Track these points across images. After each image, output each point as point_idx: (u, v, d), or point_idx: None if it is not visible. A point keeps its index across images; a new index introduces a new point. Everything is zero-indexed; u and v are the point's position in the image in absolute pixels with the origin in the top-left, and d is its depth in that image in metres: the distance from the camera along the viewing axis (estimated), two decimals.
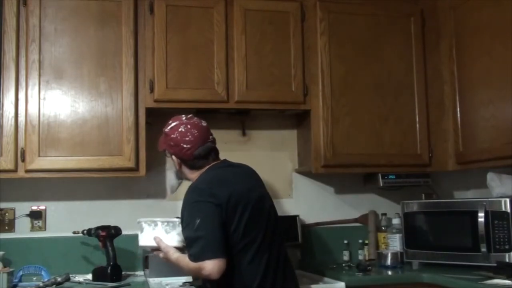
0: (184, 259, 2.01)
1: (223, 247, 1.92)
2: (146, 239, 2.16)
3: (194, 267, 1.93)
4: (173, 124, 2.20)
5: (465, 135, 2.87)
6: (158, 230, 2.12)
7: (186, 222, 1.99)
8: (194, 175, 2.18)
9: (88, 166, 2.61)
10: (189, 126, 2.17)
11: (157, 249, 2.12)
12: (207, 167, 2.17)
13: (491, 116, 2.68)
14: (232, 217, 1.99)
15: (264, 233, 2.05)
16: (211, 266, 1.89)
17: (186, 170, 2.21)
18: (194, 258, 1.92)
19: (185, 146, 2.14)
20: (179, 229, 2.08)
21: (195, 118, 2.23)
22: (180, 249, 2.08)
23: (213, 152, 2.20)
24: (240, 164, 2.25)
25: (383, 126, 2.97)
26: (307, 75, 2.90)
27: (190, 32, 2.77)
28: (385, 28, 3.02)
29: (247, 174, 2.22)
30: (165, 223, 2.12)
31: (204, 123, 2.23)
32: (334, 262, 3.02)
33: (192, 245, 1.94)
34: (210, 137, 2.21)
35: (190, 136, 2.15)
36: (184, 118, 2.21)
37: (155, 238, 2.11)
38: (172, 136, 2.17)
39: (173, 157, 2.21)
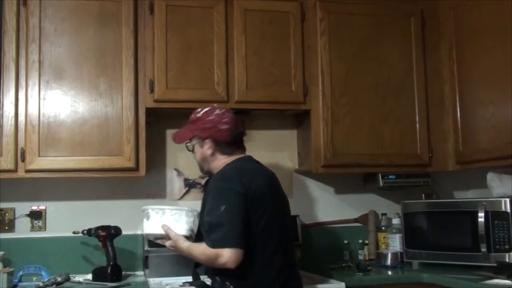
0: (198, 247, 2.00)
1: (243, 238, 1.93)
2: (152, 227, 2.10)
3: (212, 253, 1.92)
4: (206, 109, 2.21)
5: (465, 135, 2.87)
6: (166, 218, 2.08)
7: (210, 206, 1.98)
8: (221, 162, 2.17)
9: (88, 166, 2.61)
10: (223, 110, 2.21)
11: (162, 237, 2.10)
12: (235, 157, 2.17)
13: (491, 116, 2.68)
14: (255, 211, 2.00)
15: (280, 232, 2.08)
16: (229, 255, 1.89)
17: (216, 157, 2.18)
18: (213, 244, 1.91)
19: (223, 127, 2.15)
20: (187, 218, 2.08)
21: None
22: (188, 238, 2.07)
23: (242, 140, 2.24)
24: (261, 164, 2.27)
25: (383, 126, 2.97)
26: (307, 75, 2.90)
27: (190, 32, 2.77)
28: (385, 28, 3.02)
29: (271, 174, 2.23)
30: (174, 211, 2.09)
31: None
32: (334, 262, 3.02)
33: (213, 230, 1.93)
34: (239, 124, 2.27)
35: (227, 118, 2.18)
36: (216, 105, 2.28)
37: (163, 226, 2.07)
38: (208, 118, 2.17)
39: (206, 141, 2.17)
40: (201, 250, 1.97)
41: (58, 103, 2.61)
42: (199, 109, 2.23)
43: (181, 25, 2.76)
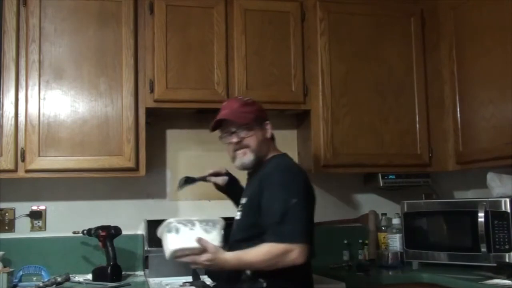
0: (251, 251, 1.84)
1: (310, 235, 1.88)
2: (184, 241, 1.83)
3: (281, 249, 1.81)
4: (247, 97, 2.19)
5: (465, 135, 2.87)
6: (197, 230, 1.86)
7: (274, 199, 1.88)
8: (270, 149, 2.12)
9: (88, 166, 2.61)
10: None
11: (193, 252, 1.83)
12: (279, 153, 2.13)
13: (491, 116, 2.68)
14: (313, 209, 2.00)
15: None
16: (300, 250, 1.82)
17: (269, 141, 2.13)
18: (289, 238, 1.81)
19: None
20: (219, 229, 1.89)
21: None
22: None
23: None
24: None
25: (383, 126, 2.97)
26: (307, 75, 2.90)
27: (190, 32, 2.77)
28: (385, 28, 3.02)
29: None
30: (204, 223, 1.87)
31: None
32: (334, 262, 3.02)
33: (284, 225, 1.83)
34: None
35: None
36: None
37: (199, 240, 1.81)
38: (255, 101, 2.14)
39: (267, 122, 2.12)
40: (263, 251, 1.83)
41: (58, 103, 2.61)
42: (239, 97, 2.27)
43: (181, 25, 2.76)
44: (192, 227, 1.85)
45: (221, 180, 2.34)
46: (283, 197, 1.87)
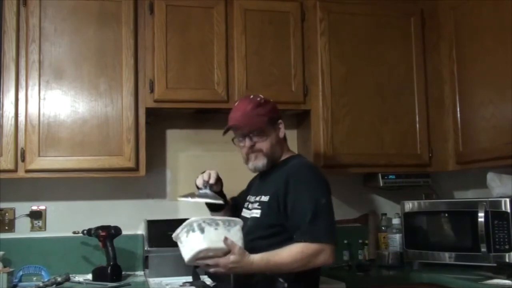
0: (281, 252, 1.80)
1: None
2: (212, 241, 1.73)
3: (314, 250, 1.80)
4: (260, 96, 2.14)
5: (465, 135, 2.87)
6: (221, 230, 1.76)
7: (304, 198, 1.87)
8: (285, 148, 2.12)
9: (88, 166, 2.61)
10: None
11: (216, 255, 1.76)
12: (294, 153, 2.15)
13: (491, 116, 2.68)
14: None
15: None
16: (332, 250, 1.84)
17: (285, 141, 2.14)
18: (324, 237, 1.82)
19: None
20: (238, 227, 1.82)
21: None
22: None
23: None
24: None
25: (383, 126, 2.97)
26: (307, 75, 2.90)
27: (190, 32, 2.77)
28: (385, 28, 3.02)
29: None
30: (226, 222, 1.79)
31: None
32: (334, 262, 3.01)
33: (318, 222, 1.83)
34: None
35: None
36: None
37: (226, 240, 1.73)
38: (271, 100, 2.12)
39: (279, 121, 2.10)
40: (295, 250, 1.80)
41: (58, 103, 2.61)
42: (251, 96, 2.14)
43: (181, 25, 2.76)
44: (217, 227, 1.75)
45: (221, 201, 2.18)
46: (314, 197, 1.87)
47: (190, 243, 1.74)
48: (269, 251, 1.81)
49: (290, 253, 1.80)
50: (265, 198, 2.00)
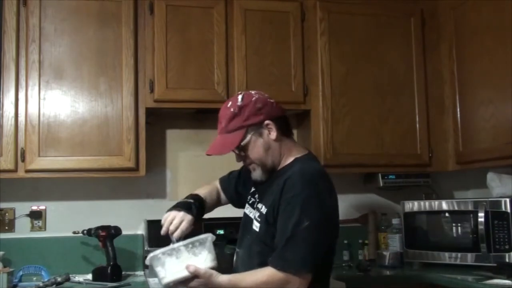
0: (247, 277, 1.69)
1: (316, 264, 1.67)
2: (173, 273, 1.69)
3: (280, 279, 1.63)
4: (240, 95, 1.83)
5: (465, 135, 2.87)
6: (184, 256, 1.70)
7: (289, 214, 1.67)
8: (284, 148, 1.83)
9: (88, 166, 2.61)
10: (256, 91, 1.87)
11: (186, 280, 1.68)
12: (302, 154, 1.84)
13: (491, 116, 2.68)
14: (335, 234, 1.77)
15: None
16: (302, 282, 1.64)
17: (280, 140, 1.82)
18: (292, 267, 1.63)
19: (272, 100, 1.83)
20: (207, 246, 1.72)
21: None
22: (215, 268, 1.71)
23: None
24: None
25: (383, 126, 2.97)
26: (307, 75, 2.90)
27: (190, 32, 2.77)
28: (385, 28, 3.02)
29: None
30: (190, 246, 1.70)
31: None
32: (334, 262, 3.02)
33: (292, 248, 1.64)
34: None
35: (267, 94, 1.87)
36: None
37: (188, 267, 1.65)
38: (254, 99, 1.80)
39: (264, 125, 1.79)
40: (263, 279, 1.65)
41: (58, 103, 2.61)
42: (231, 100, 1.84)
43: (181, 25, 2.76)
44: (179, 255, 1.70)
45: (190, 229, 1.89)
46: (295, 218, 1.66)
47: (158, 277, 1.71)
48: (240, 273, 1.74)
49: (256, 279, 1.67)
50: (264, 210, 1.82)
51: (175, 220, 1.82)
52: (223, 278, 1.67)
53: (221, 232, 2.41)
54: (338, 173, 3.10)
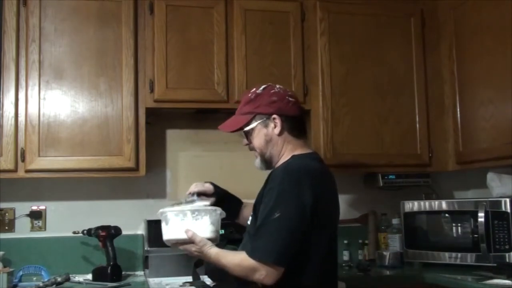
0: (228, 256, 1.78)
1: (288, 256, 1.69)
2: (173, 232, 1.85)
3: (250, 265, 1.68)
4: (263, 86, 1.95)
5: (465, 135, 2.87)
6: (188, 220, 1.83)
7: (265, 205, 1.72)
8: (287, 147, 1.89)
9: (88, 166, 2.61)
10: (282, 86, 1.96)
11: (185, 242, 1.84)
12: (303, 152, 1.88)
13: (491, 116, 2.68)
14: (319, 231, 1.76)
15: (335, 261, 1.90)
16: (269, 272, 1.67)
17: (283, 137, 1.88)
18: (254, 254, 1.68)
19: (290, 99, 1.89)
20: (211, 218, 1.85)
21: None
22: (213, 240, 1.84)
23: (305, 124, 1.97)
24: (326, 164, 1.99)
25: (383, 126, 2.97)
26: (307, 75, 2.90)
27: (190, 32, 2.77)
28: (385, 28, 3.02)
29: (335, 184, 1.93)
30: (195, 212, 1.84)
31: None
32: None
33: (258, 238, 1.70)
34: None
35: (290, 92, 1.95)
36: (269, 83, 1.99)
37: (187, 231, 1.81)
38: (272, 91, 1.90)
39: (272, 119, 1.87)
40: (235, 260, 1.74)
41: (58, 103, 2.61)
42: (256, 87, 1.96)
43: (181, 25, 2.76)
44: (183, 218, 1.84)
45: (209, 202, 2.05)
46: (268, 209, 1.70)
47: (163, 233, 1.89)
48: (225, 251, 1.83)
49: (232, 260, 1.76)
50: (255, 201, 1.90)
51: (199, 184, 2.05)
52: (213, 250, 1.80)
53: (222, 232, 2.40)
54: (338, 173, 3.10)
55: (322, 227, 1.78)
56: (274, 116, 1.88)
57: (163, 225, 1.89)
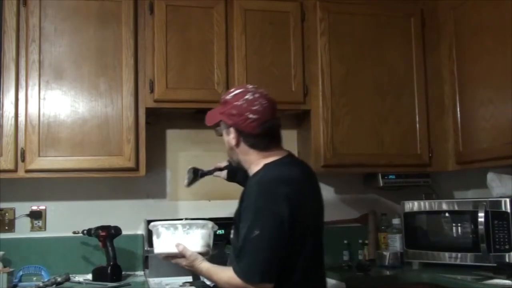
0: (219, 272, 1.78)
1: (274, 271, 1.68)
2: (164, 246, 1.88)
3: (237, 284, 1.68)
4: (237, 91, 1.87)
5: (465, 135, 2.87)
6: (179, 234, 1.86)
7: (243, 224, 1.71)
8: (252, 157, 1.85)
9: (88, 166, 2.61)
10: (257, 95, 1.84)
11: (176, 256, 1.86)
12: (275, 158, 1.83)
13: (491, 116, 2.68)
14: (300, 236, 1.75)
15: (321, 254, 1.89)
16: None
17: (244, 149, 1.85)
18: (242, 276, 1.67)
19: (250, 116, 1.80)
20: (202, 232, 1.87)
21: (262, 89, 1.93)
22: (204, 254, 1.86)
23: (278, 134, 1.89)
24: (303, 162, 1.97)
25: (383, 126, 2.97)
26: (307, 75, 2.90)
27: (190, 32, 2.77)
28: (385, 28, 3.02)
29: (314, 179, 1.92)
30: (187, 226, 1.86)
31: (271, 96, 1.92)
32: (334, 262, 3.02)
33: (242, 258, 1.69)
34: (277, 114, 1.89)
35: (258, 106, 1.82)
36: (250, 87, 1.90)
37: (178, 246, 1.84)
38: (235, 103, 1.82)
39: (230, 130, 1.84)
40: (224, 278, 1.74)
41: (58, 103, 2.61)
42: (232, 90, 1.91)
43: (181, 25, 2.76)
44: (174, 231, 1.86)
45: (223, 175, 2.38)
46: (247, 228, 1.69)
47: (154, 246, 1.92)
48: (216, 266, 1.82)
49: (223, 277, 1.76)
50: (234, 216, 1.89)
51: None
52: (204, 265, 1.82)
53: (221, 232, 2.40)
54: (338, 173, 3.11)
55: (303, 234, 1.76)
56: (231, 129, 1.85)
57: (154, 238, 1.91)
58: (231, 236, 1.90)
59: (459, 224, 2.75)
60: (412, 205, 2.93)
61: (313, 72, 2.91)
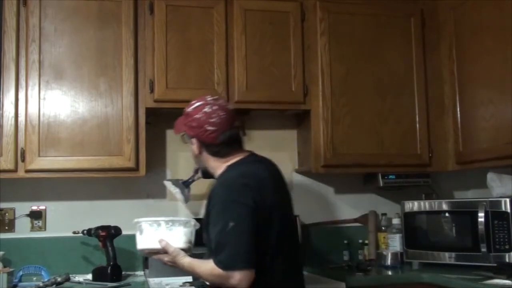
0: (203, 264, 1.86)
1: (253, 257, 1.78)
2: (147, 241, 1.95)
3: (222, 274, 1.76)
4: (197, 104, 2.01)
5: (465, 135, 2.87)
6: (162, 230, 1.93)
7: (215, 222, 1.82)
8: (216, 163, 2.00)
9: (88, 166, 2.61)
10: (215, 107, 1.97)
11: (158, 252, 1.94)
12: (237, 159, 1.98)
13: (491, 116, 2.68)
14: (266, 224, 1.85)
15: (290, 241, 1.97)
16: (241, 277, 1.74)
17: (207, 157, 2.01)
18: (224, 265, 1.76)
19: (209, 128, 1.95)
20: (185, 229, 1.94)
21: (222, 99, 2.09)
22: (186, 251, 1.93)
23: (238, 140, 2.03)
24: (266, 159, 2.07)
25: (383, 126, 2.97)
26: (307, 75, 2.90)
27: (190, 32, 2.77)
28: (385, 28, 3.02)
29: (277, 174, 2.04)
30: (170, 223, 1.92)
31: (230, 106, 2.08)
32: (334, 262, 3.02)
33: (221, 250, 1.77)
34: (236, 122, 2.02)
35: (216, 118, 1.96)
36: (209, 99, 2.02)
37: (160, 241, 1.91)
38: (195, 116, 1.98)
39: (193, 140, 2.01)
40: (207, 269, 1.82)
41: (58, 103, 2.61)
42: (193, 102, 2.04)
43: (181, 25, 2.76)
44: (157, 228, 1.93)
45: (199, 174, 2.47)
46: (221, 224, 1.79)
47: (137, 242, 1.98)
48: (198, 260, 1.90)
49: (206, 270, 1.84)
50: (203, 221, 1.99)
51: None
52: (186, 259, 1.89)
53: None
54: (338, 173, 3.11)
55: (267, 226, 1.86)
56: (193, 139, 2.02)
57: (137, 234, 1.97)
58: (204, 237, 1.96)
59: (459, 224, 2.75)
60: (412, 205, 2.93)
61: (313, 72, 2.91)
